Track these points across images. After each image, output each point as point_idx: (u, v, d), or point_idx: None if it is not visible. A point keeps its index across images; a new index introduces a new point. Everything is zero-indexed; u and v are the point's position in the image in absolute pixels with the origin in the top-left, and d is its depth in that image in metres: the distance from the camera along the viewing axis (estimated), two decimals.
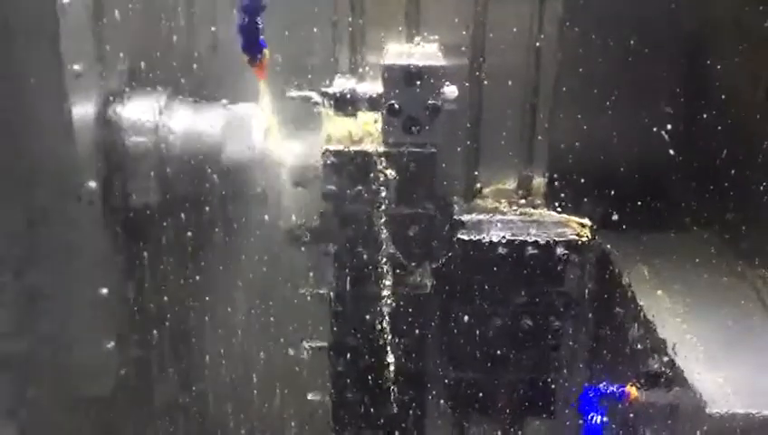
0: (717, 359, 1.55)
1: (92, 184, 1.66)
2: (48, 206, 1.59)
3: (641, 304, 1.75)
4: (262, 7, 1.62)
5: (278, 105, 1.82)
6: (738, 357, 1.57)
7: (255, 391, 2.21)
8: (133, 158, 1.74)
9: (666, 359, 1.58)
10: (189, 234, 1.92)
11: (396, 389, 1.90)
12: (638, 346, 1.72)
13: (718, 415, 1.40)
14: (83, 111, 1.64)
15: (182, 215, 1.85)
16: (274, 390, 2.21)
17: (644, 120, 2.01)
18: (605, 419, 1.63)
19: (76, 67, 1.57)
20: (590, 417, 1.63)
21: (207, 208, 1.85)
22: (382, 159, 1.77)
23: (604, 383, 1.70)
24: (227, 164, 1.76)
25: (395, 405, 1.91)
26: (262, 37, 1.65)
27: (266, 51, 1.67)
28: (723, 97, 1.95)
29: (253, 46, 1.66)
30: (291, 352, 2.06)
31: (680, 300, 1.76)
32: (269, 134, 1.81)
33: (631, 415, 1.71)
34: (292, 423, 2.23)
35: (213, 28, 1.94)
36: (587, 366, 2.04)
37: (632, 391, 1.66)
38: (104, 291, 1.72)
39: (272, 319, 2.12)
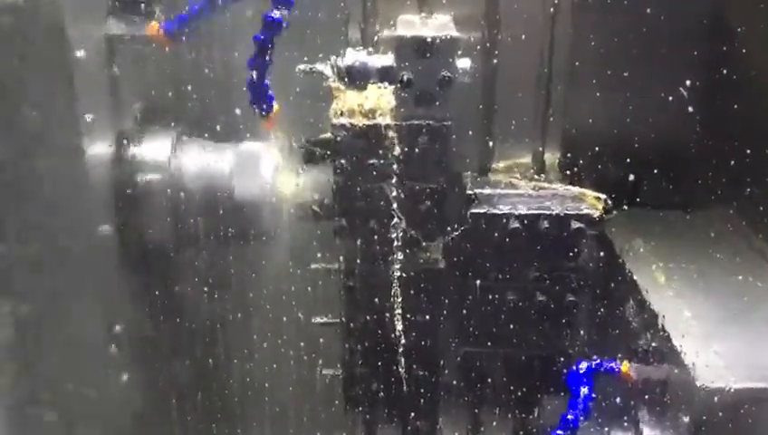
0: (711, 333, 1.54)
1: (106, 226, 1.70)
2: (64, 246, 1.62)
3: (636, 279, 1.73)
4: (269, 64, 1.66)
5: (288, 145, 1.85)
6: (733, 332, 1.56)
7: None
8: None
9: (658, 334, 1.57)
10: (203, 270, 1.98)
11: (408, 365, 1.89)
12: (632, 321, 1.72)
13: (709, 389, 1.39)
14: (96, 154, 1.67)
15: (195, 252, 1.90)
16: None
17: (660, 95, 1.98)
18: (593, 394, 1.62)
19: (89, 115, 1.61)
20: (579, 392, 1.61)
21: (220, 245, 1.89)
22: (394, 132, 1.75)
23: (595, 358, 1.68)
24: (238, 201, 1.79)
25: (407, 381, 1.90)
26: (270, 93, 1.70)
27: (275, 105, 1.73)
28: (743, 72, 1.91)
29: (261, 101, 1.70)
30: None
31: (680, 276, 1.75)
32: (279, 171, 1.84)
33: (622, 390, 1.71)
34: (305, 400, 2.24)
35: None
36: (584, 341, 2.03)
37: (624, 366, 1.64)
38: (118, 328, 1.75)
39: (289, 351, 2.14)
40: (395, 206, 1.78)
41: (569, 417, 1.59)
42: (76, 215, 1.63)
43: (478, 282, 1.86)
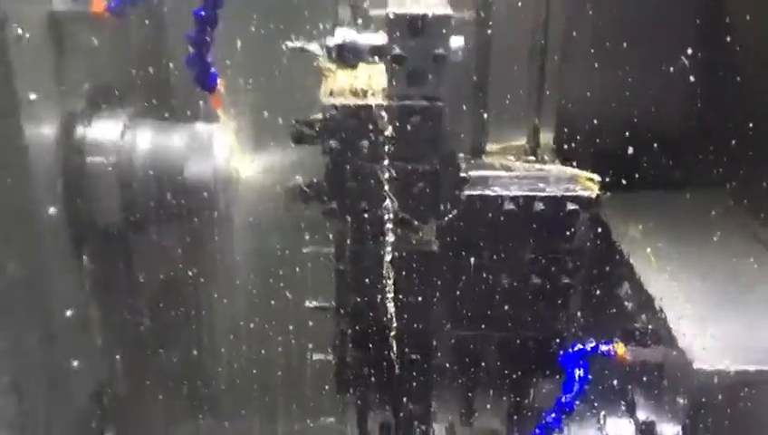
0: (707, 316, 1.53)
1: (52, 209, 1.65)
2: (8, 231, 1.58)
3: (631, 261, 1.73)
4: (208, 42, 1.60)
5: (242, 123, 1.82)
6: (729, 314, 1.56)
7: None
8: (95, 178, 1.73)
9: (654, 316, 1.56)
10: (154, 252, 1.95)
11: (401, 349, 1.87)
12: (627, 304, 1.70)
13: (705, 371, 1.38)
14: (42, 135, 1.62)
15: (146, 234, 1.87)
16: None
17: (657, 72, 1.95)
18: (589, 374, 1.61)
19: (32, 95, 1.56)
20: (573, 374, 1.60)
21: (172, 227, 1.88)
22: (385, 112, 1.71)
23: (589, 341, 1.67)
24: (190, 182, 1.74)
25: (400, 366, 1.87)
26: (213, 70, 1.65)
27: (219, 82, 1.68)
28: (740, 48, 1.89)
29: (204, 78, 1.65)
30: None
31: (676, 258, 1.74)
32: (233, 152, 1.80)
33: (618, 373, 1.70)
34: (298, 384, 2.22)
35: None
36: (579, 323, 2.01)
37: (620, 348, 1.63)
38: (69, 313, 1.71)
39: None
40: (387, 187, 1.74)
41: (563, 399, 1.57)
42: (21, 198, 1.57)
43: (472, 264, 1.84)
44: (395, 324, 1.85)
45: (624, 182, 1.88)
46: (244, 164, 1.84)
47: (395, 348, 1.86)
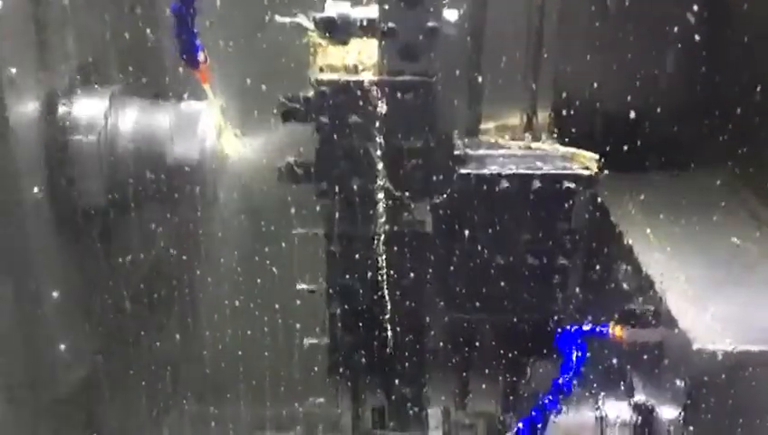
0: (707, 296, 1.51)
1: (36, 189, 1.61)
2: None
3: (629, 242, 1.69)
4: (193, 13, 1.57)
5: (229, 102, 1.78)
6: (730, 294, 1.53)
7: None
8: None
9: (654, 296, 1.53)
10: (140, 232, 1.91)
11: (394, 331, 1.83)
12: (625, 284, 1.67)
13: (706, 351, 1.35)
14: (24, 113, 1.57)
15: (131, 214, 1.81)
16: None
17: (654, 51, 1.92)
18: (586, 355, 1.58)
19: (13, 70, 1.51)
20: (571, 354, 1.57)
21: (158, 207, 1.83)
22: (377, 88, 1.66)
23: (587, 322, 1.63)
24: (177, 162, 1.70)
25: (393, 348, 1.84)
26: (198, 42, 1.61)
27: (203, 55, 1.64)
28: (742, 20, 1.85)
29: (189, 52, 1.62)
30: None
31: (675, 238, 1.71)
32: (220, 131, 1.76)
33: (616, 354, 1.67)
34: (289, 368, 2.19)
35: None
36: (576, 304, 1.98)
37: (616, 329, 1.59)
38: (55, 294, 1.67)
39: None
40: (379, 166, 1.70)
41: (561, 381, 1.54)
42: (3, 179, 1.53)
43: (466, 244, 1.80)
44: (388, 306, 1.82)
45: (623, 160, 1.84)
46: (232, 143, 1.80)
47: (387, 330, 1.82)
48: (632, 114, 1.89)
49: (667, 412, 1.48)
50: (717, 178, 1.93)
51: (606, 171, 1.77)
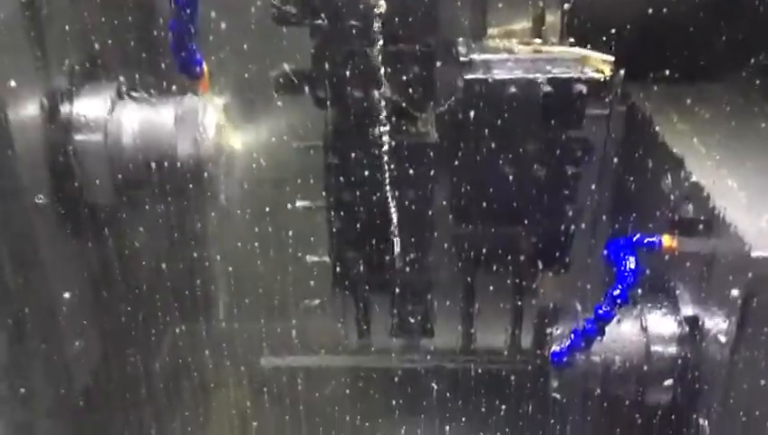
0: (761, 203, 1.42)
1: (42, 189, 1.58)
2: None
3: (675, 151, 1.60)
4: (192, 31, 1.53)
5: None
6: None
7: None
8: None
9: (703, 204, 1.45)
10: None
11: (400, 246, 1.77)
12: (671, 194, 1.59)
13: (763, 258, 1.28)
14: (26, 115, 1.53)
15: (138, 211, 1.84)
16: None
17: None
18: (639, 266, 1.51)
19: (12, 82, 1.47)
20: (622, 263, 1.50)
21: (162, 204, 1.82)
22: None
23: (635, 233, 1.56)
24: (180, 158, 1.66)
25: (400, 263, 1.79)
26: (198, 56, 1.59)
27: (204, 67, 1.63)
28: None
29: (188, 67, 1.60)
30: None
31: (719, 146, 1.62)
32: (221, 127, 1.71)
33: (661, 266, 1.60)
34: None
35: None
36: (615, 217, 1.91)
37: (666, 239, 1.52)
38: (66, 295, 1.66)
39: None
40: (380, 71, 1.60)
41: (615, 292, 1.48)
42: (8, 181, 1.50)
43: (473, 155, 1.71)
44: (393, 222, 1.75)
45: (642, 70, 1.73)
46: (234, 136, 1.76)
47: (392, 245, 1.76)
48: (656, 18, 1.76)
49: (714, 325, 1.42)
50: (753, 85, 1.83)
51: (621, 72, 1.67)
